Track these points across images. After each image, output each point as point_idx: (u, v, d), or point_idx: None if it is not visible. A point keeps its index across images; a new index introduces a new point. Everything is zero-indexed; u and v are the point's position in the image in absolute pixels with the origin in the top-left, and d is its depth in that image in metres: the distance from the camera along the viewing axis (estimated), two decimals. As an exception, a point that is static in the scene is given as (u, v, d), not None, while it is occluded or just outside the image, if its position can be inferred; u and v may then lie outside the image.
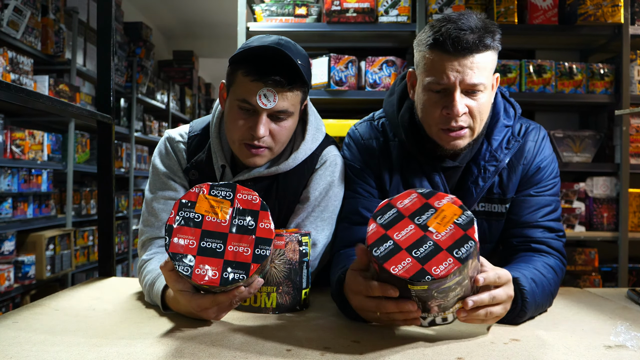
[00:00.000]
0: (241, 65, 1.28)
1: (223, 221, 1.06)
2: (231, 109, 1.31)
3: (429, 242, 0.96)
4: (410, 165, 1.40)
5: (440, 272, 0.91)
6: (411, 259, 0.94)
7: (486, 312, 1.02)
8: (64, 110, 1.52)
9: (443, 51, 1.23)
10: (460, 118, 1.26)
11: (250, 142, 1.30)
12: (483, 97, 1.27)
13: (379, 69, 3.01)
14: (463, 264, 0.92)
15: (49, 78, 3.59)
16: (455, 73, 1.23)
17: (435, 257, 0.93)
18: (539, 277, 1.19)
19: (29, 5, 3.43)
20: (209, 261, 1.02)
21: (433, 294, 0.95)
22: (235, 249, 1.03)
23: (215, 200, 1.07)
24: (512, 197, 1.38)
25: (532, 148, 1.39)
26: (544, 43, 3.32)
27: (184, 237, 1.04)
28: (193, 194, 1.08)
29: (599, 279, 3.04)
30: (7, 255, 3.36)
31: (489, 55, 1.25)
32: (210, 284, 1.01)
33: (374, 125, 1.48)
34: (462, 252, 0.94)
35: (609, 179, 3.07)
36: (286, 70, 1.25)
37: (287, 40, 1.30)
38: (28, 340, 1.00)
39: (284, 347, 0.98)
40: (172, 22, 7.16)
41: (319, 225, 1.39)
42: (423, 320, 1.03)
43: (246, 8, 3.05)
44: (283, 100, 1.27)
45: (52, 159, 3.74)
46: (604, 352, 0.97)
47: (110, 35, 1.72)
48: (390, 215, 1.01)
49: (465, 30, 1.20)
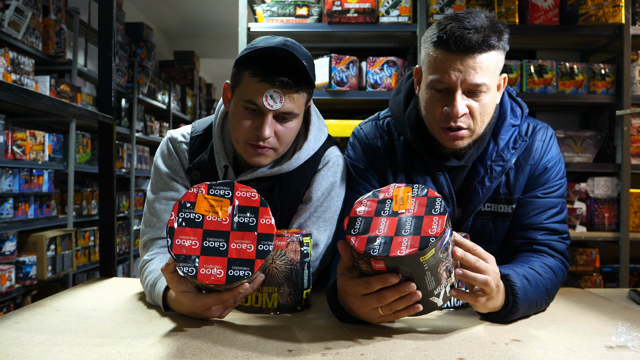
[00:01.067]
0: (248, 66, 1.27)
1: (224, 220, 1.06)
2: (236, 109, 1.32)
3: (407, 219, 1.01)
4: (415, 165, 1.39)
5: (436, 229, 0.97)
6: (406, 237, 0.97)
7: (475, 266, 1.04)
8: (65, 110, 1.53)
9: (446, 49, 1.22)
10: (459, 119, 1.26)
11: (255, 143, 1.30)
12: (486, 98, 1.26)
13: (379, 69, 3.01)
14: (446, 215, 0.99)
15: (50, 78, 3.60)
16: (457, 73, 1.22)
17: (423, 224, 0.99)
18: (532, 275, 1.19)
19: (30, 6, 3.44)
20: (213, 260, 1.02)
21: (440, 256, 0.98)
22: (238, 246, 1.03)
23: (215, 199, 1.08)
24: (518, 197, 1.37)
25: (539, 148, 1.38)
26: (545, 43, 3.32)
27: (186, 238, 1.04)
28: (192, 195, 1.08)
29: (600, 279, 3.03)
30: (9, 256, 3.36)
31: (494, 56, 1.24)
32: (216, 282, 1.01)
33: (379, 125, 1.48)
34: (438, 207, 1.01)
35: (610, 179, 3.07)
36: (293, 72, 1.25)
37: (293, 42, 1.30)
38: (29, 341, 1.00)
39: (286, 347, 0.98)
40: (173, 22, 7.17)
41: (321, 225, 1.39)
42: (437, 298, 1.03)
43: (247, 8, 3.05)
44: (289, 102, 1.27)
45: (53, 160, 3.74)
46: (605, 353, 0.97)
47: (111, 35, 1.72)
48: (360, 222, 1.04)
49: (470, 30, 1.20)
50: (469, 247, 1.06)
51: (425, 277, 0.99)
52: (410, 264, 0.96)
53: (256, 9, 3.11)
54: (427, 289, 1.01)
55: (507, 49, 1.27)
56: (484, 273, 1.04)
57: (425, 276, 0.99)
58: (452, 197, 1.37)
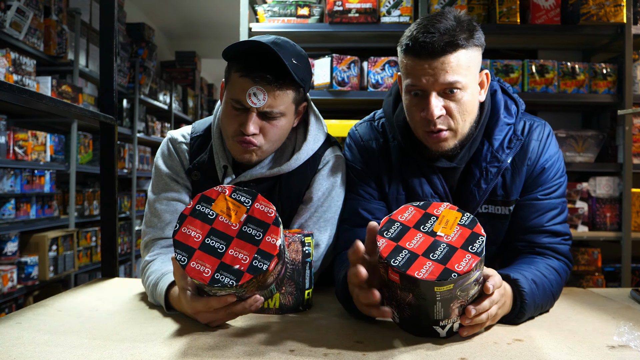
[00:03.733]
0: (234, 64, 1.31)
1: (233, 225, 1.06)
2: (225, 105, 1.34)
3: (441, 245, 0.99)
4: (410, 166, 1.39)
5: (463, 267, 0.94)
6: (431, 262, 0.96)
7: (487, 316, 1.03)
8: (67, 111, 1.53)
9: (413, 55, 1.23)
10: (438, 120, 1.25)
11: (241, 138, 1.32)
12: (464, 97, 1.24)
13: (381, 69, 3.01)
14: (481, 257, 0.96)
15: (51, 79, 3.60)
16: (427, 76, 1.22)
17: (454, 256, 0.96)
18: (540, 278, 1.19)
19: (32, 7, 3.44)
20: (207, 259, 1.02)
21: (457, 294, 0.96)
22: (235, 254, 1.03)
23: (234, 203, 1.08)
24: (516, 199, 1.35)
25: (536, 147, 1.35)
26: (547, 43, 3.32)
27: (192, 229, 1.05)
28: (215, 192, 1.09)
29: (602, 279, 3.03)
30: (10, 256, 3.37)
31: (464, 54, 1.22)
32: (200, 280, 1.00)
33: (374, 126, 1.47)
34: (477, 246, 0.98)
35: (611, 178, 3.07)
36: (274, 68, 1.26)
37: (285, 40, 1.31)
38: (31, 341, 1.00)
39: (287, 347, 0.98)
40: (174, 22, 7.17)
41: (322, 225, 1.39)
42: (442, 329, 1.02)
43: (248, 9, 3.05)
44: (273, 99, 1.28)
45: (54, 160, 3.74)
46: (607, 353, 0.97)
47: (112, 36, 1.73)
48: (396, 229, 1.03)
49: (433, 34, 1.20)
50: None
51: (434, 306, 0.98)
52: (423, 288, 0.95)
53: (257, 9, 3.11)
54: (431, 317, 1.00)
55: (481, 45, 1.26)
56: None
57: (434, 305, 0.98)
58: (448, 198, 1.36)
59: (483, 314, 1.02)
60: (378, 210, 1.38)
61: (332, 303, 1.30)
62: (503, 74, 3.00)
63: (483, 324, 1.05)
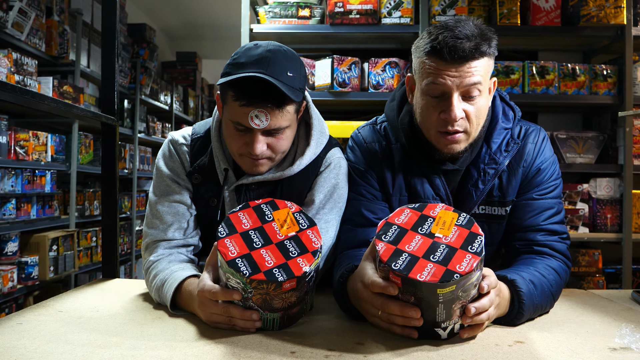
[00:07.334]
0: (229, 89, 1.26)
1: (280, 235, 1.10)
2: (227, 125, 1.32)
3: (441, 246, 1.00)
4: (412, 168, 1.41)
5: (465, 268, 0.95)
6: (432, 264, 0.96)
7: (487, 315, 1.04)
8: (68, 111, 1.53)
9: (440, 58, 1.25)
10: (457, 122, 1.27)
11: (249, 156, 1.31)
12: (480, 101, 1.29)
13: (382, 70, 3.01)
14: (481, 256, 0.96)
15: (53, 79, 3.60)
16: (452, 78, 1.25)
17: (455, 257, 0.97)
18: (538, 278, 1.20)
19: (34, 7, 3.44)
20: (240, 244, 1.07)
21: (459, 294, 0.97)
22: (265, 255, 1.05)
23: (292, 220, 1.13)
24: (512, 199, 1.39)
25: (531, 150, 1.40)
26: (547, 44, 3.32)
27: (247, 218, 1.12)
28: (283, 203, 1.16)
29: (602, 280, 3.03)
30: (11, 256, 3.37)
31: (485, 61, 1.27)
32: (223, 254, 1.04)
33: (376, 129, 1.49)
34: (476, 246, 0.99)
35: (612, 180, 3.07)
36: (274, 94, 1.23)
37: (275, 50, 1.26)
38: (32, 342, 1.00)
39: (289, 349, 0.98)
40: (175, 23, 7.17)
41: (324, 227, 1.39)
42: (443, 331, 1.02)
43: (249, 10, 3.05)
44: (275, 119, 1.25)
45: (55, 160, 3.74)
46: (608, 355, 0.97)
47: (114, 36, 1.73)
48: (394, 232, 1.04)
49: (462, 39, 1.22)
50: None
51: (437, 308, 0.98)
52: (425, 291, 0.96)
53: (258, 10, 3.11)
54: (434, 320, 1.00)
55: (496, 54, 1.31)
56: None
57: (437, 307, 0.98)
58: (449, 199, 1.39)
59: (483, 313, 1.02)
60: (380, 211, 1.39)
61: (333, 304, 1.29)
62: (503, 76, 3.01)
63: (483, 324, 1.05)
